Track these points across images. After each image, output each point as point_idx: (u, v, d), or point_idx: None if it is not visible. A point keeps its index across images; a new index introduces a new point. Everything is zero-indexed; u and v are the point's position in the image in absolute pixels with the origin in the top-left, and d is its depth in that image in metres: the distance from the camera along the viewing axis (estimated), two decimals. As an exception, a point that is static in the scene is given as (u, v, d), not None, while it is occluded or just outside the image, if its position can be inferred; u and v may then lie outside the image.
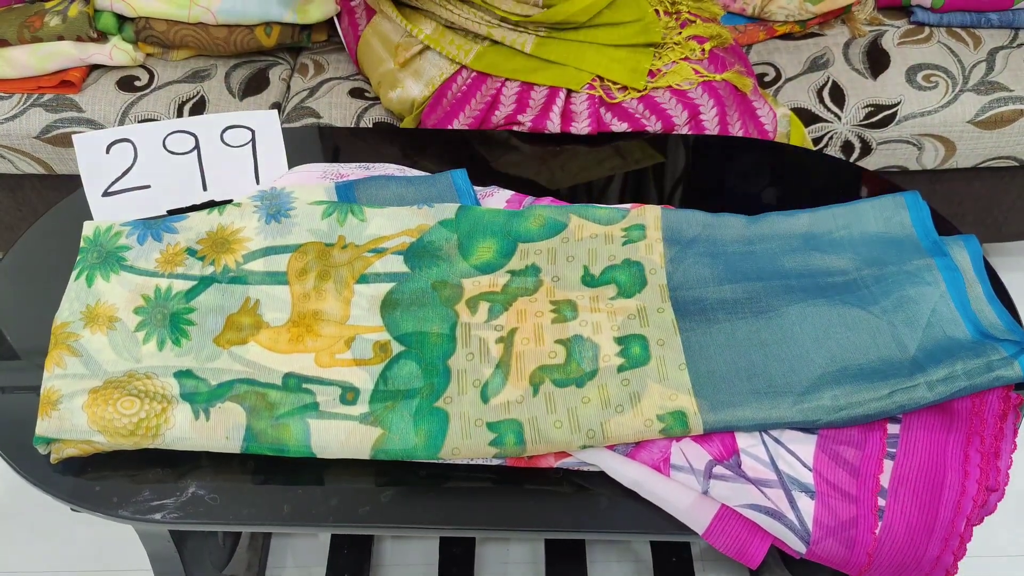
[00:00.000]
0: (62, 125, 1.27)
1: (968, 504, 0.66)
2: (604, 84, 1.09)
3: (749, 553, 0.67)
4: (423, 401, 0.72)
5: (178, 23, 1.29)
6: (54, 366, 0.73)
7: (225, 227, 0.83)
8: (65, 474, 0.72)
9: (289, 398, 0.72)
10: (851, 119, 1.26)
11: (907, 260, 0.80)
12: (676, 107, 1.07)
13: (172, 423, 0.71)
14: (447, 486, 0.71)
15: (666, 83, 1.08)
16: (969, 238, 0.83)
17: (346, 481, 0.72)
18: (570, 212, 0.85)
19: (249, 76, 1.34)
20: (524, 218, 0.85)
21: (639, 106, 1.07)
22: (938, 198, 1.40)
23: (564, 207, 0.86)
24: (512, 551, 1.27)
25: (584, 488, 0.71)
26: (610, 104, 1.08)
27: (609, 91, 1.08)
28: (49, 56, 1.27)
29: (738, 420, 0.69)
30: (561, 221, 0.85)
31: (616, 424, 0.69)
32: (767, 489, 0.66)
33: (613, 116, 1.08)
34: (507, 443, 0.69)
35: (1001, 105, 1.24)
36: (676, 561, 1.18)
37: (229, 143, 0.90)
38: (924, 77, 1.27)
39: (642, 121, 1.07)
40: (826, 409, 0.70)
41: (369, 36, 1.24)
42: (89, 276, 0.79)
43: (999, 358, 0.70)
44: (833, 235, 0.84)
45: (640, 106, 1.07)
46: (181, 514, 0.70)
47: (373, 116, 1.27)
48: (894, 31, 1.34)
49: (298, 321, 0.77)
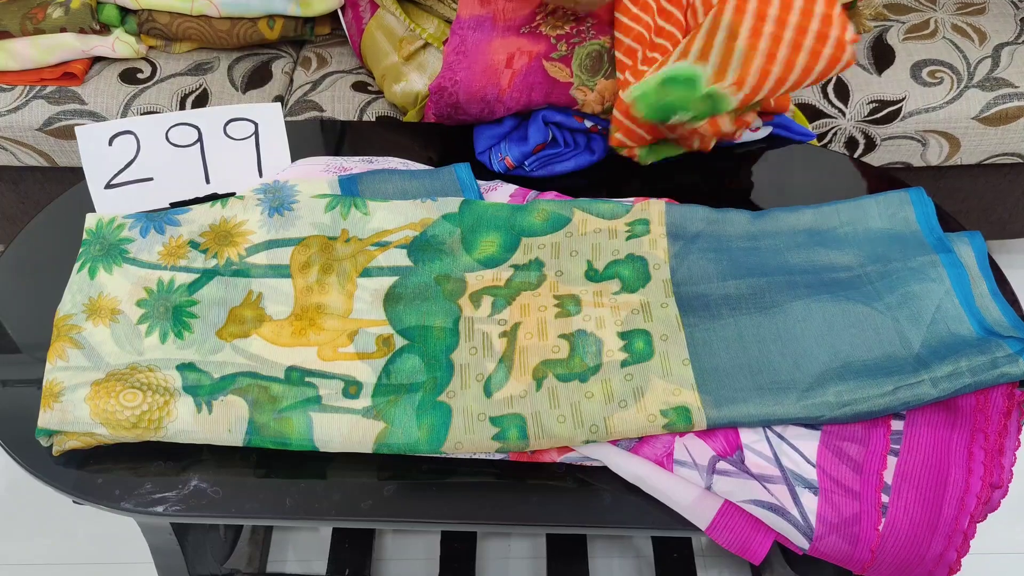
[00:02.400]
0: (64, 117, 1.27)
1: (972, 501, 0.66)
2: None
3: (752, 549, 0.67)
4: (426, 395, 0.72)
5: (181, 15, 1.28)
6: (56, 358, 0.73)
7: (228, 220, 0.83)
8: (67, 466, 0.72)
9: (292, 391, 0.72)
10: (855, 115, 1.25)
11: (912, 256, 0.80)
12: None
13: (174, 416, 0.71)
14: (449, 480, 0.71)
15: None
16: (974, 234, 0.83)
17: (348, 475, 0.72)
18: (574, 206, 0.85)
19: (252, 69, 1.33)
20: (528, 212, 0.85)
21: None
22: (942, 195, 1.40)
23: (568, 201, 0.86)
24: (514, 546, 1.27)
25: (587, 483, 0.71)
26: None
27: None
28: (51, 48, 1.26)
29: (742, 416, 0.69)
30: (565, 215, 0.84)
31: (619, 419, 0.69)
32: (770, 485, 0.66)
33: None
34: (510, 438, 0.69)
35: (1006, 101, 1.24)
36: (677, 557, 1.18)
37: (232, 136, 0.90)
38: (929, 73, 1.27)
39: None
40: (830, 405, 0.70)
41: (373, 29, 1.24)
42: (91, 268, 0.79)
43: (1004, 355, 0.70)
44: (837, 231, 0.84)
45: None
46: (183, 507, 0.70)
47: (376, 110, 1.26)
48: (899, 27, 1.34)
49: (301, 314, 0.77)
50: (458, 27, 0.99)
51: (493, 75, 0.94)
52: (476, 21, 0.99)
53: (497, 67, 0.95)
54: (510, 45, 0.96)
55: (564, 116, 0.96)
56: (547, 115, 0.95)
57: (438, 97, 0.96)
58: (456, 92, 0.95)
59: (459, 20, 0.99)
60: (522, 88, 0.94)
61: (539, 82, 0.94)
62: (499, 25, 0.98)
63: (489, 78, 0.94)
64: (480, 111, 0.95)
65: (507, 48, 0.95)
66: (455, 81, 0.95)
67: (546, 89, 0.94)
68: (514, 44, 0.96)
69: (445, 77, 0.96)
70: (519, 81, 0.94)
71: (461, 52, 0.96)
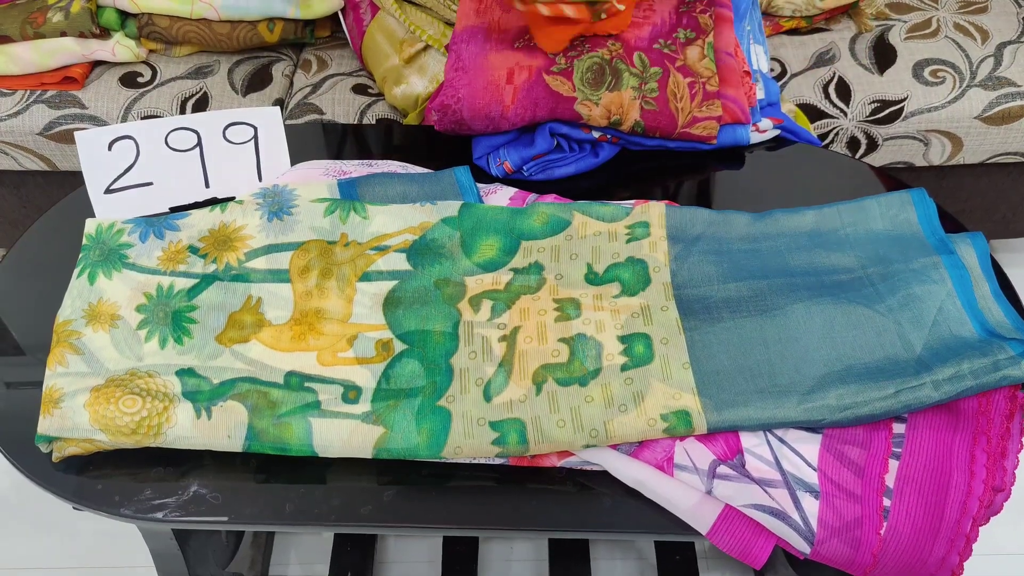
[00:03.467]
0: (65, 122, 1.27)
1: (974, 505, 0.65)
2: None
3: (753, 554, 0.67)
4: (425, 400, 0.71)
5: (181, 19, 1.29)
6: (56, 364, 0.73)
7: (227, 225, 0.83)
8: (67, 472, 0.72)
9: (291, 397, 0.72)
10: (857, 115, 1.25)
11: (913, 258, 0.79)
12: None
13: (174, 422, 0.70)
14: (449, 485, 0.71)
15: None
16: (976, 235, 0.83)
17: (348, 480, 0.72)
18: (573, 209, 0.85)
19: (252, 72, 1.33)
20: (527, 216, 0.85)
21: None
22: (945, 194, 1.39)
23: (567, 204, 0.86)
24: (516, 549, 1.27)
25: (587, 487, 0.71)
26: None
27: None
28: (52, 52, 1.27)
29: (742, 420, 0.69)
30: (564, 218, 0.84)
31: (619, 424, 0.69)
32: (771, 489, 0.66)
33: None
34: (510, 442, 0.69)
35: (1009, 101, 1.23)
36: (680, 560, 1.17)
37: (231, 140, 0.90)
38: (931, 72, 1.26)
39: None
40: (831, 408, 0.69)
41: (374, 31, 1.24)
42: (91, 274, 0.79)
43: (1006, 357, 0.69)
44: (839, 233, 0.83)
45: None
46: (183, 513, 0.70)
47: (376, 112, 1.26)
48: (901, 26, 1.33)
49: (300, 319, 0.77)
50: (454, 44, 0.98)
51: (495, 91, 0.94)
52: (470, 33, 0.98)
53: (498, 83, 0.94)
54: (508, 60, 0.95)
55: (570, 128, 0.95)
56: (554, 127, 0.94)
57: (442, 114, 0.95)
58: (460, 110, 0.94)
59: (455, 36, 0.99)
60: (526, 104, 0.93)
61: (543, 97, 0.93)
62: (493, 37, 0.97)
63: (492, 95, 0.94)
64: (485, 127, 0.95)
65: (506, 63, 0.95)
66: (458, 99, 0.94)
67: (550, 105, 0.93)
68: (512, 58, 0.95)
69: (447, 95, 0.95)
70: (522, 97, 0.93)
71: (460, 69, 0.96)
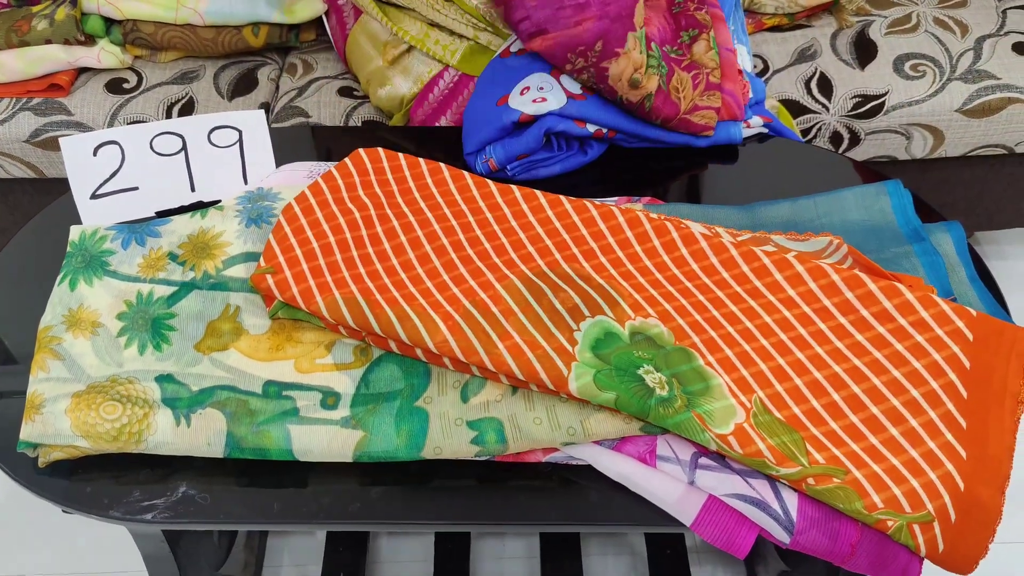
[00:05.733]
0: (51, 129, 1.27)
1: (952, 492, 0.66)
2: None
3: (736, 544, 0.68)
4: (404, 402, 0.72)
5: (166, 25, 1.29)
6: (38, 370, 0.73)
7: (206, 231, 0.83)
8: (55, 476, 0.73)
9: (269, 405, 0.72)
10: (839, 110, 1.26)
11: (886, 247, 0.80)
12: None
13: (154, 429, 0.70)
14: (437, 482, 0.72)
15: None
16: (952, 224, 0.84)
17: (337, 478, 0.72)
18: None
19: (238, 77, 1.34)
20: (510, 214, 0.85)
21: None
22: (928, 188, 1.40)
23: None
24: (508, 545, 1.27)
25: (573, 482, 0.72)
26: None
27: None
28: (37, 60, 1.27)
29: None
30: (547, 216, 0.85)
31: (596, 421, 0.69)
32: (752, 480, 0.67)
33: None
34: (488, 441, 0.69)
35: (989, 93, 1.25)
36: (671, 553, 1.18)
37: (216, 144, 0.91)
38: (912, 67, 1.27)
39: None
40: None
41: (357, 34, 1.24)
42: (72, 281, 0.79)
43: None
44: (814, 223, 0.84)
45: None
46: (171, 514, 0.70)
47: (362, 114, 1.27)
48: (881, 21, 1.34)
49: (278, 329, 0.77)
50: None
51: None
52: None
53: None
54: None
55: (568, 124, 0.95)
56: (552, 125, 0.95)
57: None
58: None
59: None
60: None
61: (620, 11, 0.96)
62: None
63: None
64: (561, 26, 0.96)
65: None
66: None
67: (624, 19, 0.95)
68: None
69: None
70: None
71: None
